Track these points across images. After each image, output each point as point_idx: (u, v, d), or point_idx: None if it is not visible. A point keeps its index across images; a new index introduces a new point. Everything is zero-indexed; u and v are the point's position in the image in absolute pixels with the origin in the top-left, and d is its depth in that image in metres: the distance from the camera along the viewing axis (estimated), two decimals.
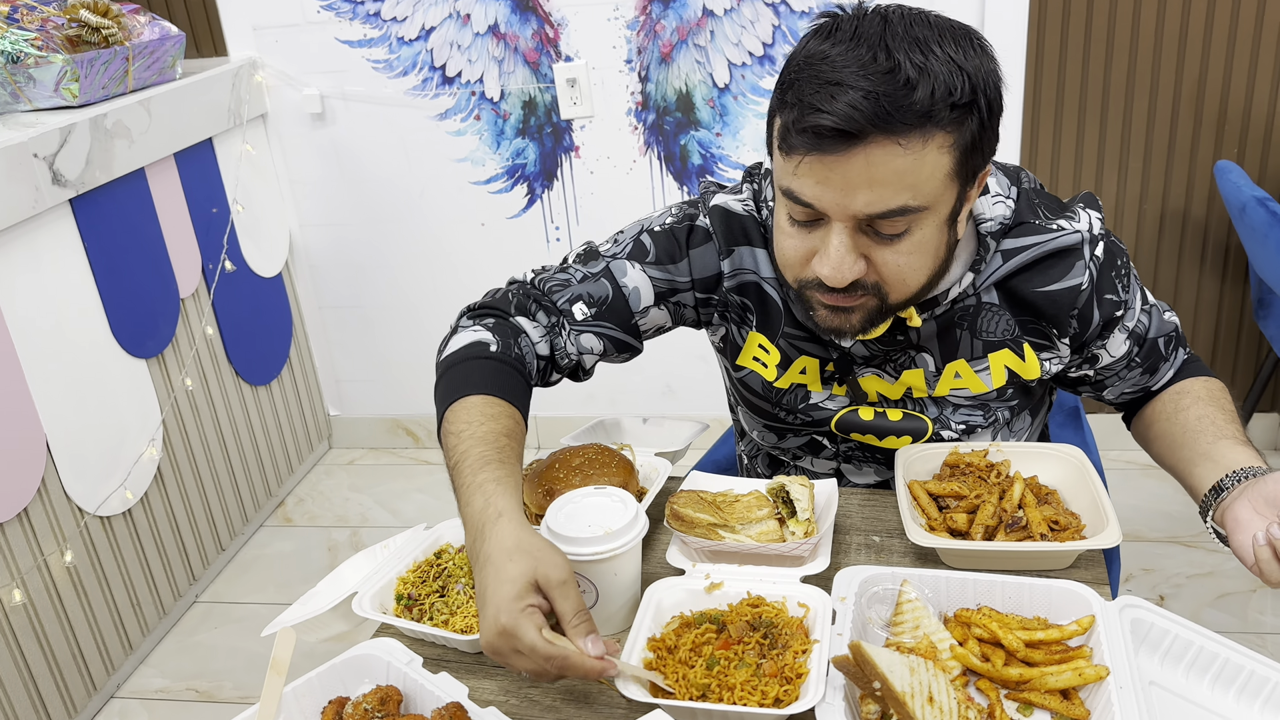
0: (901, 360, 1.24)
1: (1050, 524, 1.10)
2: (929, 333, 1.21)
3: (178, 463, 2.45)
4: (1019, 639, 0.96)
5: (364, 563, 1.20)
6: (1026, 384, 1.26)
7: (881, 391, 1.26)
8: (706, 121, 2.61)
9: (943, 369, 1.24)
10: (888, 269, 1.05)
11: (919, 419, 1.26)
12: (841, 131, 0.96)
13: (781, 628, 1.01)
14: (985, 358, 1.23)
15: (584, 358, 1.26)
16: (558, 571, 0.93)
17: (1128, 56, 2.39)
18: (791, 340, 1.26)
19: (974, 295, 1.20)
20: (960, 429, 1.26)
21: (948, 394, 1.25)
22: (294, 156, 2.83)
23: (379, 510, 2.86)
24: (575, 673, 0.91)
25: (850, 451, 1.33)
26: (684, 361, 2.83)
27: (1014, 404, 1.27)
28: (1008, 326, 1.21)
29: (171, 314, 2.41)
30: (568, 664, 0.90)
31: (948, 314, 1.20)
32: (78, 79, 2.14)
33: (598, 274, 1.25)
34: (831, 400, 1.28)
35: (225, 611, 2.50)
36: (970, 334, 1.22)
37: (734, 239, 1.25)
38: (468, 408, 1.10)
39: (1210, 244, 2.55)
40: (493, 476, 1.01)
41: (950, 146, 1.00)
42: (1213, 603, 2.24)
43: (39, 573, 2.01)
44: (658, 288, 1.26)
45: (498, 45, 2.60)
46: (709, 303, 1.28)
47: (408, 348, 3.02)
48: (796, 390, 1.29)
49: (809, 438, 1.34)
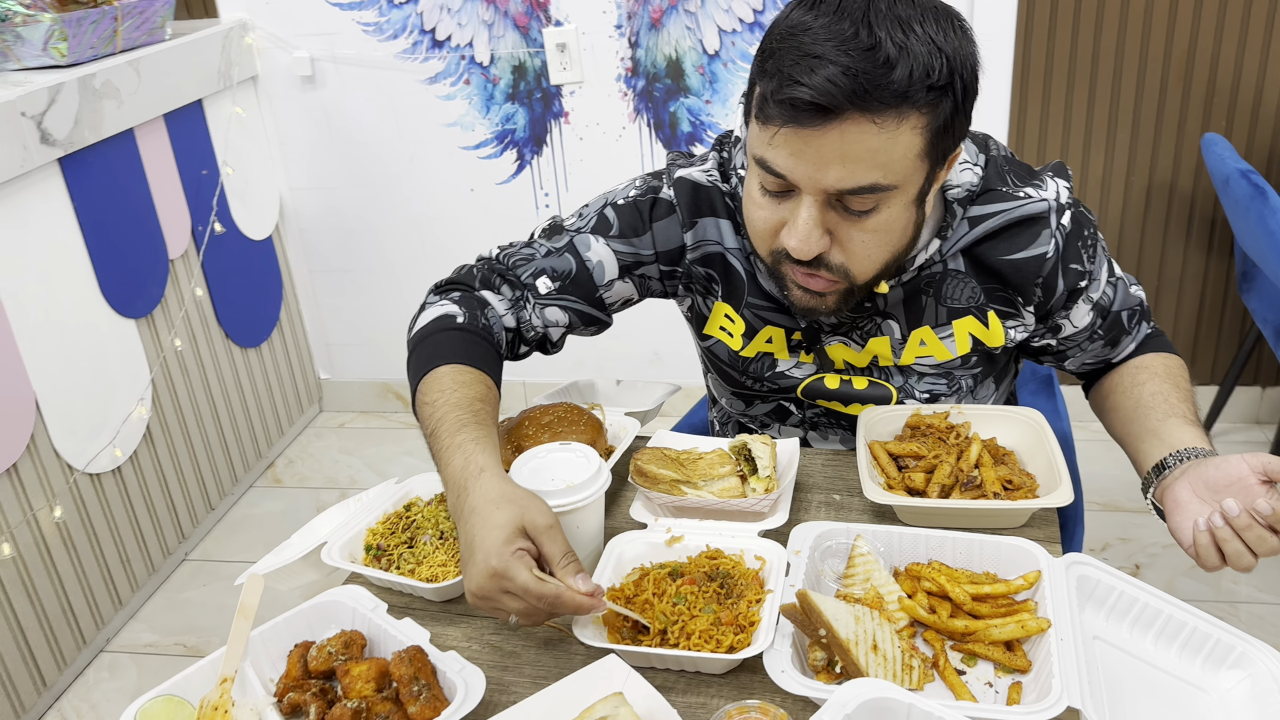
0: (868, 328, 1.26)
1: (1005, 483, 1.12)
2: (895, 299, 1.23)
3: (167, 422, 2.47)
4: (966, 592, 0.99)
5: (336, 515, 1.23)
6: (990, 351, 1.27)
7: (848, 359, 1.28)
8: (696, 88, 2.61)
9: (908, 336, 1.25)
10: (853, 246, 1.07)
11: (884, 387, 1.28)
12: (818, 106, 0.97)
13: (737, 579, 1.03)
14: (950, 324, 1.24)
15: (550, 330, 1.28)
16: (544, 517, 0.96)
17: (1117, 27, 2.39)
18: (756, 310, 1.28)
19: (940, 262, 1.21)
20: (924, 397, 1.28)
21: (913, 362, 1.27)
22: (284, 119, 2.83)
23: (368, 473, 2.89)
24: (566, 609, 0.93)
25: (816, 418, 1.35)
26: (670, 328, 2.85)
27: (977, 371, 1.28)
28: (973, 294, 1.23)
29: (161, 275, 2.43)
30: (559, 601, 0.92)
31: (914, 281, 1.22)
32: (66, 38, 2.14)
33: (561, 249, 1.27)
34: (798, 368, 1.30)
35: (214, 569, 2.54)
36: (935, 300, 1.23)
37: (698, 210, 1.26)
38: (439, 378, 1.12)
39: (1196, 217, 2.56)
40: (471, 437, 1.04)
41: (924, 128, 1.01)
42: (1187, 572, 2.27)
43: (29, 527, 2.04)
44: (622, 261, 1.27)
45: (488, 9, 2.60)
46: (673, 275, 1.30)
47: (398, 312, 3.04)
48: (763, 359, 1.31)
49: (776, 404, 1.36)
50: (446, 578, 1.07)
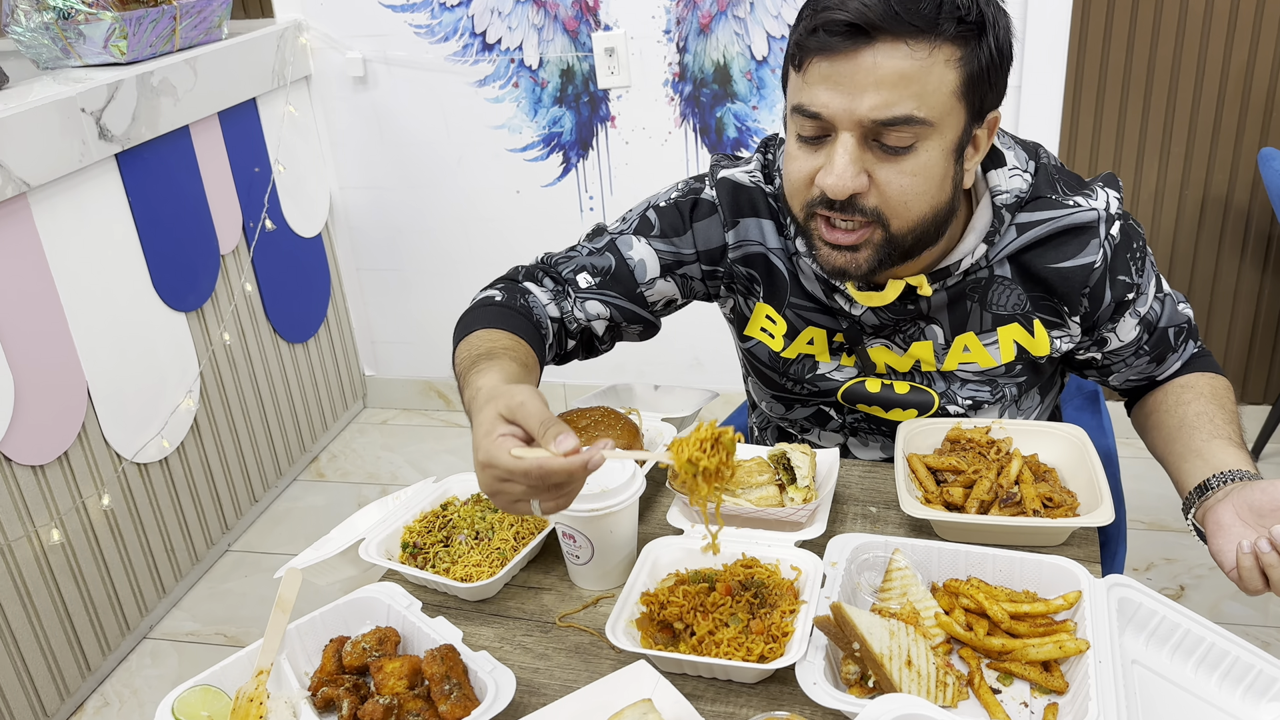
0: (911, 331, 1.25)
1: (1044, 501, 1.11)
2: (939, 303, 1.22)
3: (214, 414, 2.51)
4: (1004, 610, 0.98)
5: (375, 512, 1.24)
6: (1035, 361, 1.26)
7: (890, 363, 1.27)
8: (743, 94, 2.60)
9: (951, 342, 1.24)
10: (890, 189, 1.05)
11: (925, 392, 1.27)
12: (851, 26, 0.99)
13: (772, 588, 1.03)
14: (994, 331, 1.23)
15: (593, 324, 1.28)
16: (518, 396, 0.92)
17: (1174, 37, 2.35)
18: (799, 311, 1.28)
19: (986, 268, 1.20)
20: (967, 404, 1.27)
21: (956, 368, 1.26)
22: (336, 119, 2.87)
23: (409, 470, 2.92)
24: (557, 475, 0.88)
25: (856, 423, 1.34)
26: (711, 333, 2.84)
27: (1021, 380, 1.27)
28: (1019, 301, 1.22)
29: (212, 270, 2.47)
30: (545, 469, 0.88)
31: (959, 285, 1.20)
32: (126, 36, 2.19)
33: (602, 248, 1.29)
34: (839, 371, 1.29)
35: (256, 561, 2.57)
36: (980, 306, 1.22)
37: (739, 211, 1.26)
38: (469, 340, 1.14)
39: (1252, 233, 2.50)
40: (483, 369, 1.04)
41: (958, 62, 1.02)
42: (1233, 596, 2.22)
43: (77, 514, 2.09)
44: (663, 260, 1.28)
45: (538, 13, 2.61)
46: (715, 274, 1.30)
47: (443, 311, 3.07)
48: (804, 361, 1.30)
49: (816, 408, 1.35)
50: (481, 577, 1.08)
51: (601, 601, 1.10)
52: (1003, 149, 1.19)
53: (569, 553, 1.10)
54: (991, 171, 1.19)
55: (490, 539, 1.13)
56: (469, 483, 1.24)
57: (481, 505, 1.19)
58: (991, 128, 1.11)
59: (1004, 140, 1.21)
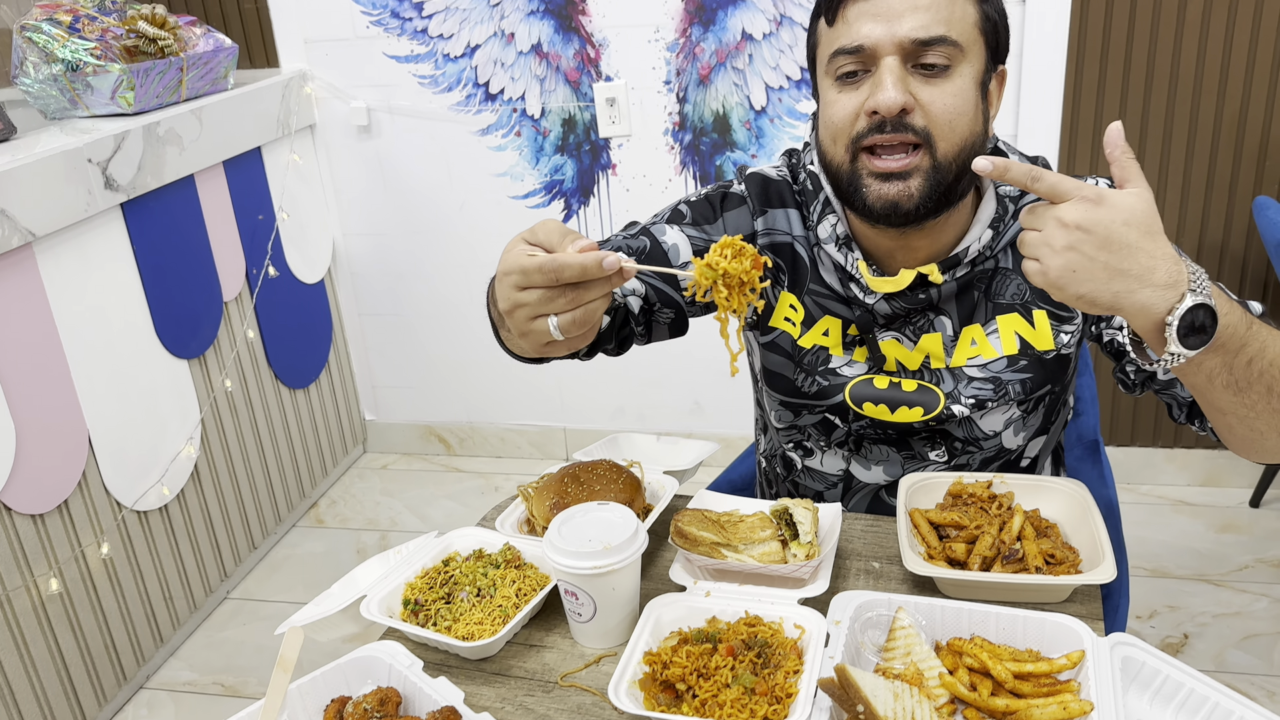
0: (920, 323, 1.27)
1: (1047, 557, 1.11)
2: (949, 293, 1.24)
3: (214, 461, 2.51)
4: (1008, 670, 0.97)
5: (376, 566, 1.24)
6: (1041, 356, 1.26)
7: (900, 358, 1.29)
8: (742, 143, 2.63)
9: (959, 334, 1.26)
10: (934, 107, 1.11)
11: (932, 391, 1.27)
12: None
13: (775, 648, 1.03)
14: (994, 320, 1.26)
15: (629, 300, 1.29)
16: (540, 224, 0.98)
17: (1167, 89, 2.38)
18: (816, 298, 1.31)
19: (992, 258, 1.24)
20: (970, 403, 1.27)
21: (964, 364, 1.27)
22: (340, 167, 2.90)
23: (408, 515, 2.91)
24: (570, 268, 0.91)
25: (862, 430, 1.34)
26: (712, 379, 2.86)
27: (1026, 379, 1.26)
28: (1018, 290, 1.25)
29: (215, 316, 2.48)
30: (558, 262, 0.91)
31: (968, 276, 1.24)
32: (133, 87, 2.22)
33: (636, 234, 1.33)
34: (850, 366, 1.31)
35: (254, 609, 2.56)
36: (985, 297, 1.26)
37: (768, 201, 1.32)
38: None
39: (1249, 280, 2.52)
40: None
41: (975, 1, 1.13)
42: (1238, 644, 2.21)
43: (76, 563, 2.08)
44: (695, 245, 1.32)
45: (540, 64, 2.65)
46: None
47: (444, 356, 3.08)
48: (818, 352, 1.33)
49: (822, 416, 1.35)
50: (483, 636, 1.08)
51: (604, 660, 1.09)
52: (1007, 151, 1.27)
53: (571, 610, 1.10)
54: None
55: (492, 596, 1.13)
56: (471, 538, 1.24)
57: (483, 561, 1.19)
58: (1001, 81, 1.21)
59: (1008, 146, 1.29)
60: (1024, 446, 1.33)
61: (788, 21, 2.49)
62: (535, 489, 1.28)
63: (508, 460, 3.17)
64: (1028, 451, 1.34)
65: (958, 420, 1.28)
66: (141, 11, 2.32)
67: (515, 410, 3.11)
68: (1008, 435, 1.30)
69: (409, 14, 2.68)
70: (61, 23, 2.22)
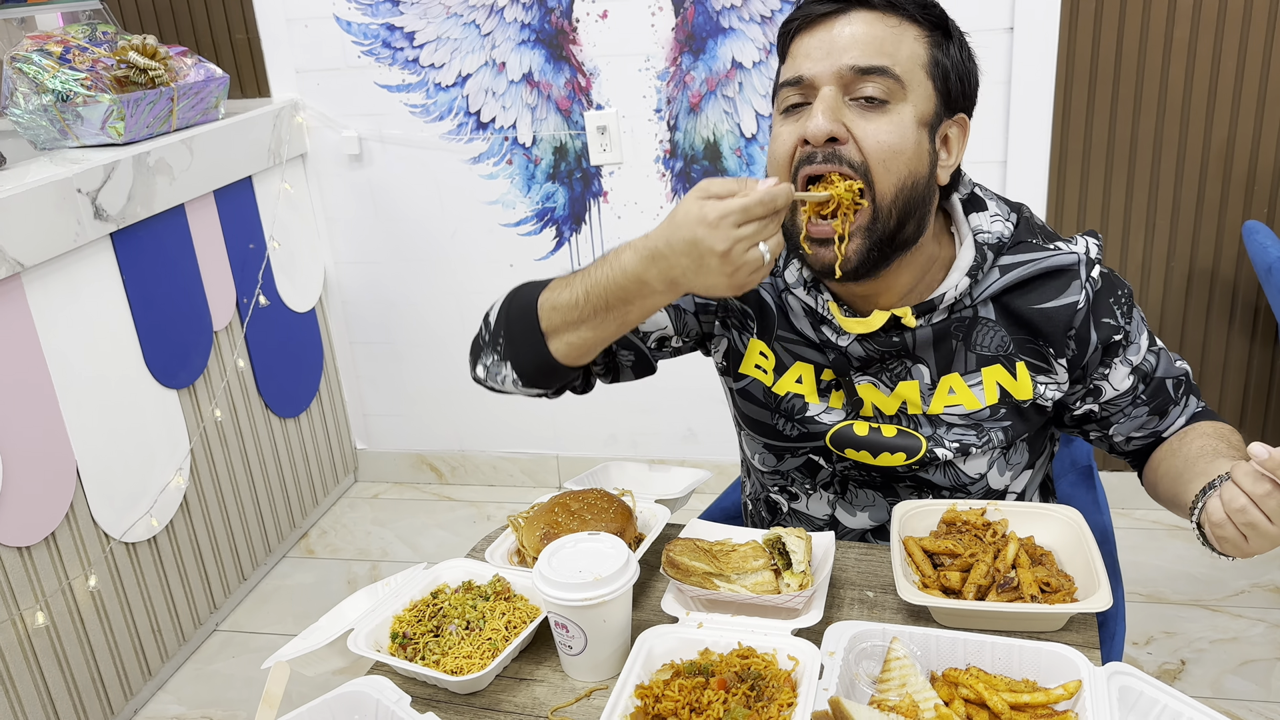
0: (897, 370, 1.26)
1: (1042, 585, 1.10)
2: (924, 340, 1.23)
3: (204, 492, 2.49)
4: (1004, 700, 0.96)
5: (364, 599, 1.22)
6: (1019, 405, 1.26)
7: (877, 404, 1.28)
8: (733, 170, 2.64)
9: (937, 383, 1.25)
10: (868, 142, 1.12)
11: (913, 436, 1.27)
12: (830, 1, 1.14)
13: (769, 680, 1.01)
14: (979, 371, 1.25)
15: None
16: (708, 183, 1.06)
17: (1155, 114, 2.40)
18: (786, 344, 1.30)
19: (971, 307, 1.23)
20: (954, 448, 1.26)
21: (941, 411, 1.26)
22: (331, 195, 2.90)
23: (399, 545, 2.89)
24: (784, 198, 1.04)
25: (847, 471, 1.33)
26: (705, 406, 2.85)
27: (1006, 425, 1.26)
28: (1002, 342, 1.24)
29: (204, 346, 2.47)
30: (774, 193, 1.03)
31: (944, 323, 1.23)
32: (123, 118, 2.22)
33: None
34: (828, 414, 1.30)
35: (244, 641, 2.53)
36: (965, 346, 1.24)
37: None
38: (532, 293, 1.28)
39: (1239, 303, 2.53)
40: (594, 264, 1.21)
41: (925, 41, 1.15)
42: (1235, 669, 2.19)
43: (63, 596, 2.06)
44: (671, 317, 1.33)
45: (531, 93, 2.66)
46: (708, 308, 1.35)
47: (435, 384, 3.07)
48: (794, 399, 1.32)
49: (806, 458, 1.35)
50: (472, 669, 1.06)
51: (595, 694, 1.08)
52: (986, 199, 1.26)
53: (561, 643, 1.09)
54: (974, 214, 1.25)
55: (481, 628, 1.11)
56: (460, 569, 1.23)
57: (473, 593, 1.17)
58: (963, 129, 1.20)
59: (987, 193, 1.28)
60: (1010, 484, 1.33)
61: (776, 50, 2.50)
62: (525, 519, 1.27)
63: (500, 489, 3.15)
64: (1013, 487, 1.34)
65: (941, 464, 1.28)
66: (132, 42, 2.33)
67: (507, 438, 3.10)
68: (993, 475, 1.29)
69: (400, 44, 2.69)
70: (52, 53, 2.23)
